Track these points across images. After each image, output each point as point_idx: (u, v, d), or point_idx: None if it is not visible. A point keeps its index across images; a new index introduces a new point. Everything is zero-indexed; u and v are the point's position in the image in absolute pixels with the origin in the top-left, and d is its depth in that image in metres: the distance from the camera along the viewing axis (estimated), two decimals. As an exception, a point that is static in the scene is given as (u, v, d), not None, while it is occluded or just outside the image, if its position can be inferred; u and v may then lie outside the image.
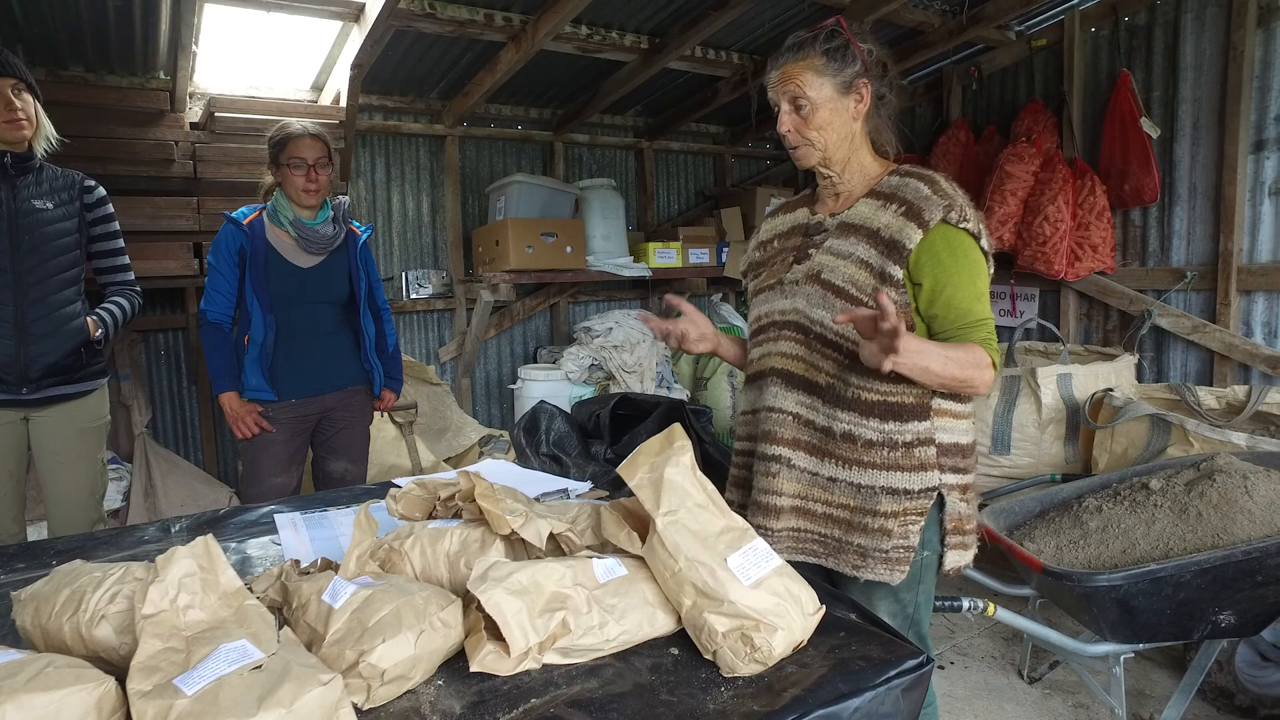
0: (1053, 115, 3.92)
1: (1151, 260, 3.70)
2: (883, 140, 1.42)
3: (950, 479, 1.35)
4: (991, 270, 1.35)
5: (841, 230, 1.37)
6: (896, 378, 1.26)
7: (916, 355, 1.17)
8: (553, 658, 0.84)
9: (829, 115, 1.34)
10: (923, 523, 1.34)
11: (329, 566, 0.98)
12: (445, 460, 3.69)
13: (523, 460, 2.96)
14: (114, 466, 3.25)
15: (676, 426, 0.94)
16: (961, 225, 1.29)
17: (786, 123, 1.36)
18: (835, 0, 3.47)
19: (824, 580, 1.23)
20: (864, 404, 1.32)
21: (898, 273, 1.29)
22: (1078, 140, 3.84)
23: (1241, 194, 3.32)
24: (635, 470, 0.91)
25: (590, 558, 0.90)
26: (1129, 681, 2.27)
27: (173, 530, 1.36)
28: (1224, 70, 3.33)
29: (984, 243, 1.32)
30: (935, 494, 1.34)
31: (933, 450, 1.33)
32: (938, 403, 1.34)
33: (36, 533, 2.66)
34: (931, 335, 1.32)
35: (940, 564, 1.40)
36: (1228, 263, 3.36)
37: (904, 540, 1.32)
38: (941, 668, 2.58)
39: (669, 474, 0.89)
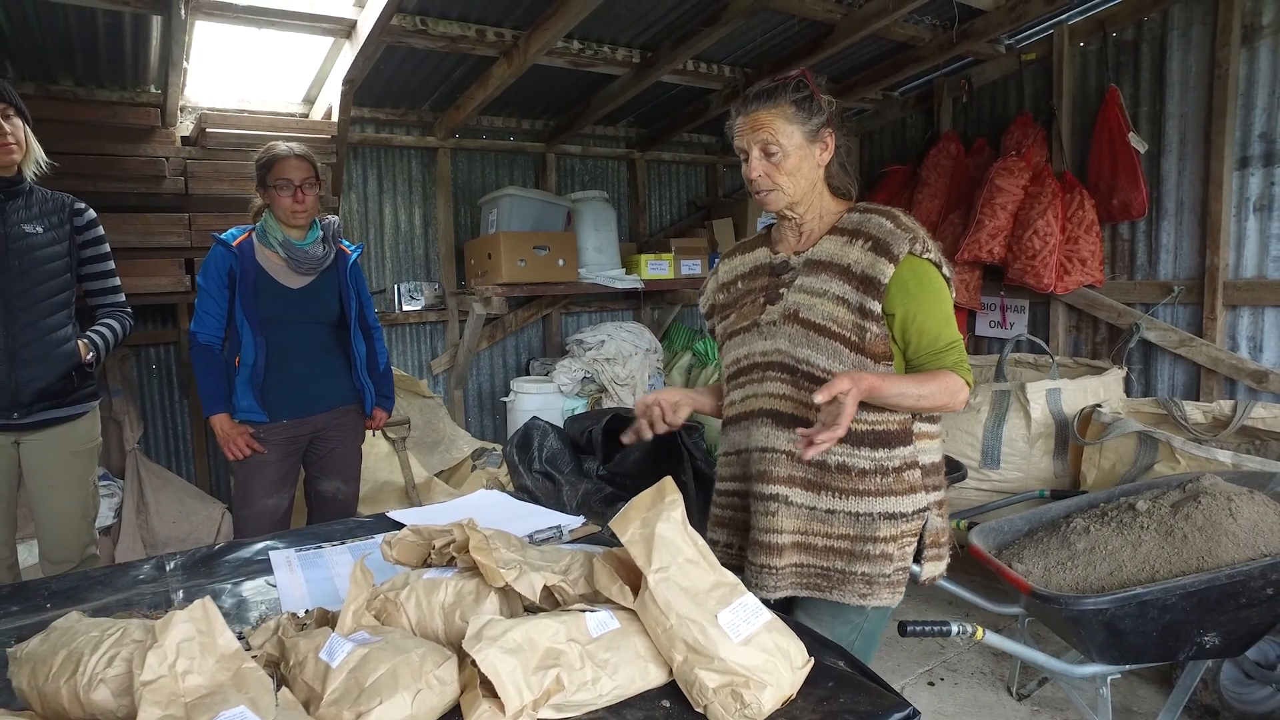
0: (1042, 129, 3.96)
1: (1139, 274, 3.73)
2: (842, 183, 1.49)
3: (933, 496, 1.44)
4: (954, 295, 1.43)
5: (810, 268, 1.43)
6: (880, 406, 1.36)
7: (897, 398, 1.30)
8: (547, 713, 0.85)
9: (798, 162, 1.39)
10: (915, 543, 1.42)
11: (325, 618, 0.99)
12: (437, 474, 3.70)
13: (515, 477, 2.97)
14: (106, 483, 3.24)
15: (668, 480, 0.96)
16: (925, 256, 1.36)
17: (758, 168, 1.40)
18: (827, 16, 3.48)
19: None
20: (854, 435, 1.37)
21: (876, 307, 1.35)
22: (1067, 154, 3.88)
23: (1227, 209, 3.36)
24: (627, 525, 0.92)
25: (583, 611, 0.91)
26: (1116, 698, 2.30)
27: (167, 568, 1.36)
28: (1210, 87, 3.36)
29: (945, 270, 1.40)
30: (925, 514, 1.42)
31: (918, 472, 1.41)
32: (918, 427, 1.42)
33: (27, 551, 2.65)
34: (906, 359, 1.41)
35: (912, 578, 1.47)
36: (1214, 277, 3.40)
37: (903, 563, 1.40)
38: (931, 684, 2.60)
39: (660, 530, 0.91)
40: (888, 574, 1.38)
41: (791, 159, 1.39)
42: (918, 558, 1.46)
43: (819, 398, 1.18)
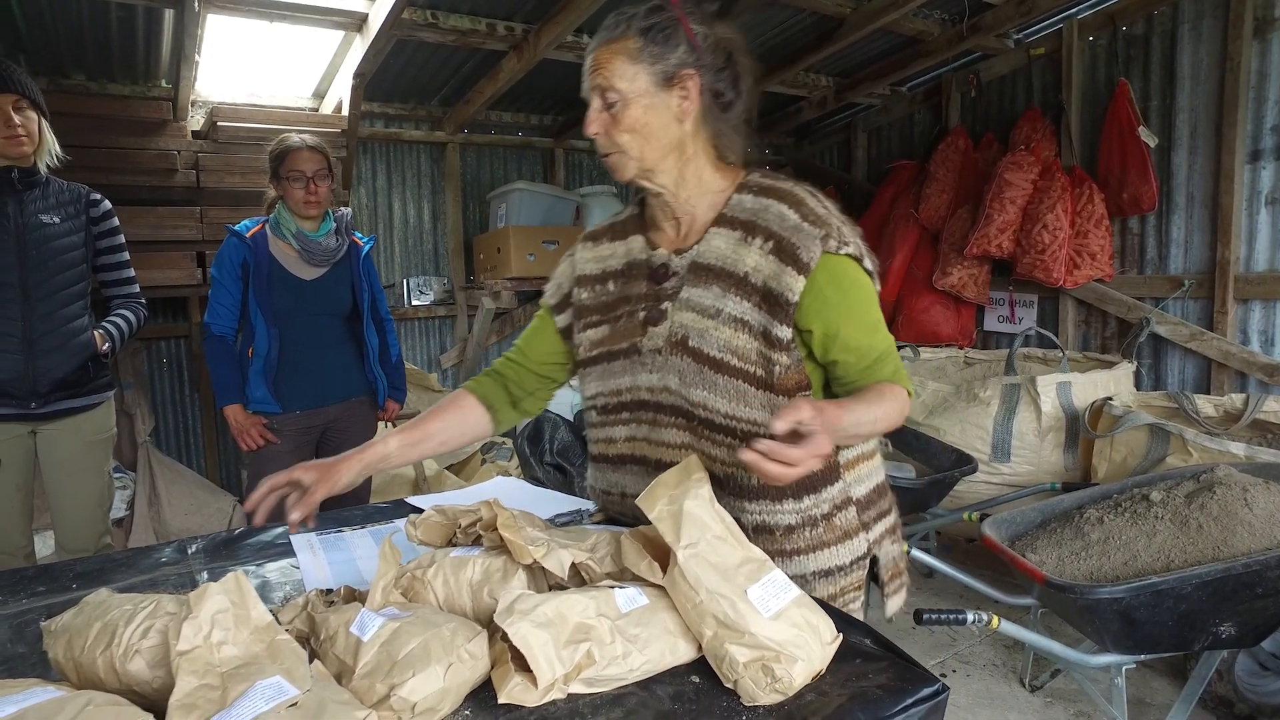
0: (1051, 123, 3.95)
1: (1149, 268, 3.73)
2: (726, 147, 1.16)
3: (877, 530, 1.20)
4: (878, 288, 1.16)
5: (696, 275, 1.12)
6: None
7: (854, 429, 1.04)
8: (578, 688, 0.85)
9: (643, 114, 1.07)
10: (862, 595, 1.19)
11: (353, 596, 0.99)
12: (447, 468, 3.70)
13: (526, 469, 2.98)
14: (118, 475, 3.26)
15: (693, 458, 0.96)
16: (843, 252, 1.07)
17: (594, 123, 1.10)
18: (837, 10, 3.48)
19: None
20: (773, 488, 1.11)
21: (786, 333, 1.07)
22: (1076, 148, 3.87)
23: (1238, 203, 3.35)
24: (654, 503, 0.92)
25: (612, 588, 0.92)
26: (1130, 690, 2.29)
27: (189, 551, 1.36)
28: (1221, 80, 3.36)
29: (867, 263, 1.12)
30: (868, 559, 1.19)
31: (853, 511, 1.16)
32: (845, 456, 1.17)
33: (42, 542, 2.67)
34: (833, 379, 1.16)
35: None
36: (1225, 271, 3.39)
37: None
38: (943, 675, 2.60)
39: (688, 507, 0.91)
40: None
41: (633, 110, 1.07)
42: (882, 597, 1.25)
43: (779, 426, 0.90)
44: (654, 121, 1.08)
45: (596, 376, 1.23)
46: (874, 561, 1.21)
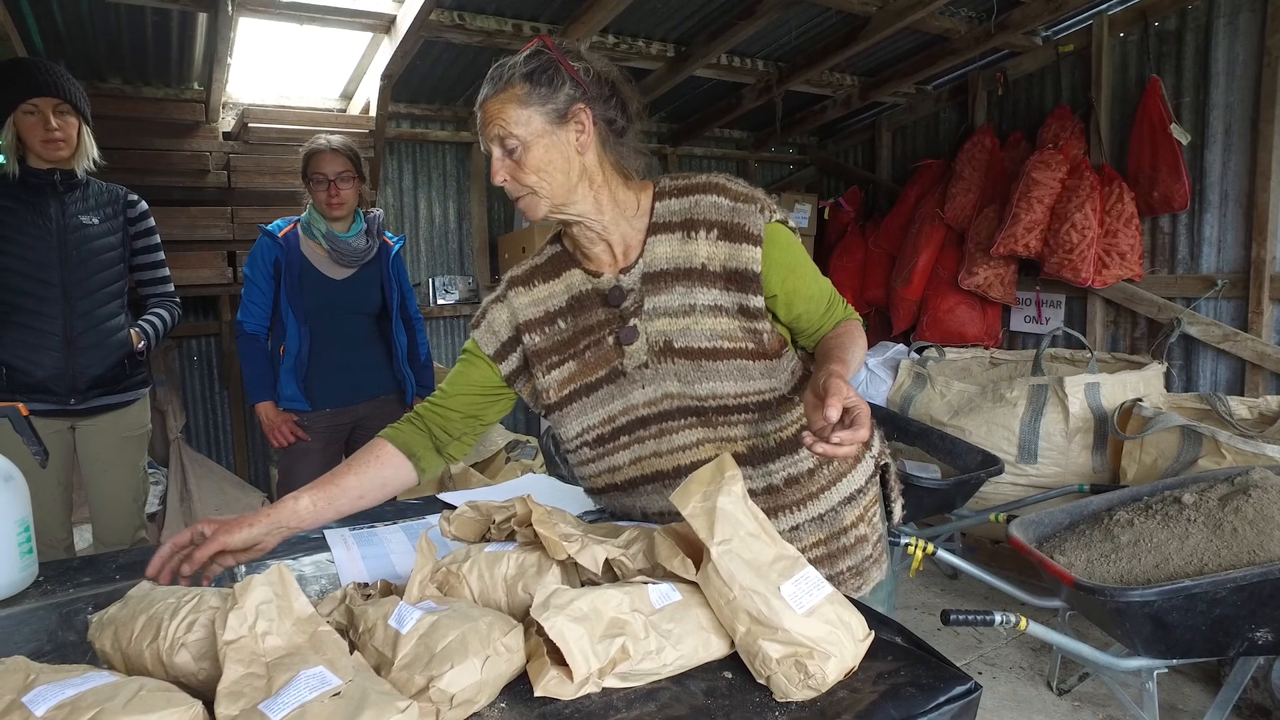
0: (1080, 121, 3.90)
1: (1181, 268, 3.67)
2: (629, 167, 1.21)
3: (876, 445, 1.35)
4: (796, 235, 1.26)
5: (653, 284, 1.18)
6: (800, 398, 1.21)
7: (853, 374, 1.14)
8: (612, 682, 0.86)
9: (545, 153, 1.11)
10: (879, 508, 1.34)
11: (389, 589, 1.01)
12: (472, 466, 3.73)
13: (552, 468, 3.00)
14: (151, 471, 3.32)
15: (727, 456, 0.97)
16: (776, 219, 1.18)
17: (500, 171, 1.13)
18: (862, 9, 3.47)
19: None
20: (789, 442, 1.22)
21: (759, 302, 1.16)
22: (1105, 147, 3.82)
23: (1275, 201, 3.29)
24: (688, 499, 0.93)
25: (645, 583, 0.93)
26: (1161, 695, 2.26)
27: (226, 544, 1.39)
28: (1258, 76, 3.30)
29: (791, 222, 1.22)
30: (878, 472, 1.34)
31: None
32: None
33: (79, 536, 2.73)
34: (799, 332, 1.26)
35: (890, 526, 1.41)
36: (1260, 271, 3.33)
37: (877, 534, 1.33)
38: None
39: (722, 503, 0.91)
40: (870, 554, 1.31)
41: (535, 152, 1.11)
42: (888, 512, 1.38)
43: (832, 413, 0.96)
44: (556, 158, 1.12)
45: (577, 413, 1.24)
46: (884, 471, 1.36)
